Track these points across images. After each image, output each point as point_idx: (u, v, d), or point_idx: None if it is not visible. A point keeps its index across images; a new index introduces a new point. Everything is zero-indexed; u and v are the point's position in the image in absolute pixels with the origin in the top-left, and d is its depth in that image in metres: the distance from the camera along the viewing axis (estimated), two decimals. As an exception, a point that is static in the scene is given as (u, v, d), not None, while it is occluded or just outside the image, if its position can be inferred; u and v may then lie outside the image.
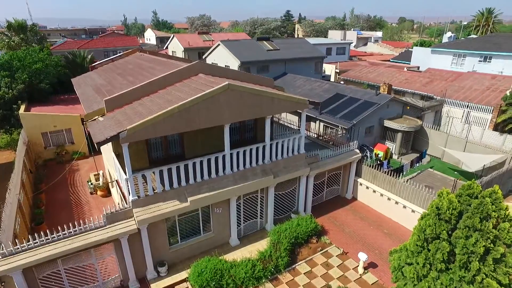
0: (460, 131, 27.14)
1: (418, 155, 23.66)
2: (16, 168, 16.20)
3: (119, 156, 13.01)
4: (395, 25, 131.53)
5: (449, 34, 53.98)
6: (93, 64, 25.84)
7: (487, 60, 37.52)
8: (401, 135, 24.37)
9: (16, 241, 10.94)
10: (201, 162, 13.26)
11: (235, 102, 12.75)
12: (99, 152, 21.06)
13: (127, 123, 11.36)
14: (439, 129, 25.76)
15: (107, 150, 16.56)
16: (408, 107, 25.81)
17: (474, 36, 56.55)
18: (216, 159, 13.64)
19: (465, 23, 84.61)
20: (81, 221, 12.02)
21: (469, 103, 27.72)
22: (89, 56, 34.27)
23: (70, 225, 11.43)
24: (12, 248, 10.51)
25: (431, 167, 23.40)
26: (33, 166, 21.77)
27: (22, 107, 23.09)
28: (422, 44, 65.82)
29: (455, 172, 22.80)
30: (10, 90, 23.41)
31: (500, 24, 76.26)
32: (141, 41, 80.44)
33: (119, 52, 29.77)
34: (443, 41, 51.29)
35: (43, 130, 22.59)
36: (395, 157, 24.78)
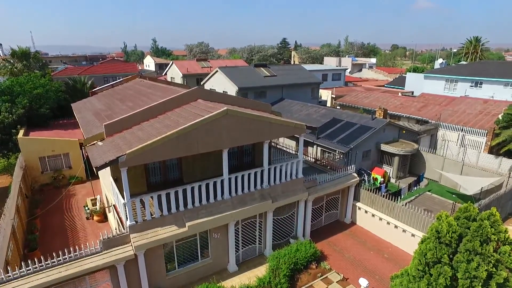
0: (456, 154, 27.40)
1: (415, 178, 23.73)
2: (12, 193, 16.05)
3: (117, 180, 12.98)
4: (388, 52, 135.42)
5: (440, 60, 55.67)
6: (93, 90, 26.23)
7: (478, 85, 38.60)
8: (398, 159, 24.54)
9: (8, 268, 10.68)
10: (200, 187, 13.24)
11: (233, 127, 12.92)
12: (97, 177, 20.95)
13: (126, 148, 11.44)
14: (435, 153, 26.00)
15: (105, 174, 16.51)
16: (404, 131, 26.16)
17: (464, 62, 58.35)
18: (215, 183, 13.63)
19: (455, 50, 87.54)
20: (76, 247, 11.80)
21: (464, 127, 28.20)
22: (89, 82, 34.80)
23: (65, 251, 11.21)
24: (3, 276, 10.25)
25: (429, 191, 23.41)
26: (29, 191, 21.56)
27: (21, 132, 23.17)
28: (415, 70, 67.62)
29: (453, 195, 22.80)
30: (10, 115, 23.59)
31: (488, 51, 79.06)
32: (140, 68, 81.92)
33: (119, 78, 30.29)
34: (435, 67, 52.78)
35: (41, 154, 22.57)
36: (392, 180, 24.83)
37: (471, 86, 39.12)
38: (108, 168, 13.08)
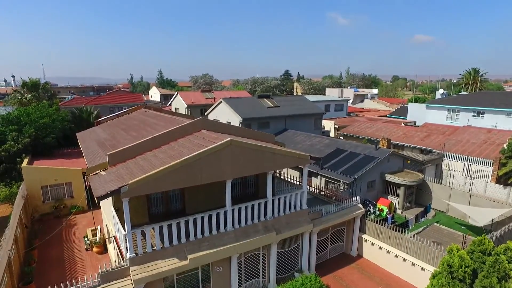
0: (462, 184, 26.98)
1: (422, 209, 23.24)
2: (11, 223, 15.81)
3: (118, 211, 12.78)
4: (389, 83, 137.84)
5: (441, 91, 56.35)
6: (98, 119, 26.60)
7: (480, 115, 38.79)
8: (403, 189, 24.16)
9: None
10: (202, 218, 12.98)
11: (237, 158, 12.87)
12: (98, 207, 20.72)
13: (128, 178, 11.36)
14: (441, 183, 25.61)
15: (106, 204, 16.32)
16: (409, 161, 25.96)
17: (465, 93, 59.05)
18: (218, 215, 13.38)
19: (455, 81, 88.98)
20: (73, 280, 11.41)
21: (469, 156, 27.99)
22: (95, 112, 35.39)
23: (61, 284, 10.82)
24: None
25: (437, 222, 22.81)
26: (29, 220, 21.28)
27: (25, 161, 23.27)
28: (416, 100, 68.37)
29: (463, 227, 22.17)
30: (16, 144, 23.82)
31: (487, 82, 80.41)
32: (146, 98, 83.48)
33: (124, 108, 30.81)
34: (436, 98, 53.34)
35: (43, 183, 22.50)
36: (398, 211, 24.30)
37: (473, 115, 39.31)
38: (109, 198, 12.94)
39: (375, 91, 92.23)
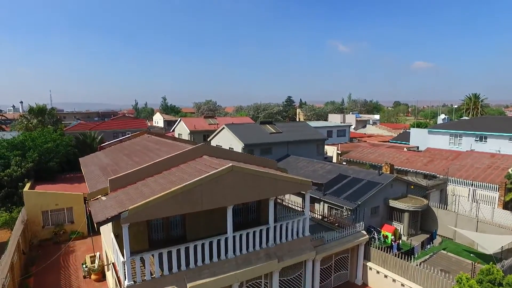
0: (468, 210, 26.51)
1: (428, 236, 22.70)
2: (8, 249, 15.57)
3: (118, 237, 12.60)
4: (391, 109, 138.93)
5: (442, 116, 56.66)
6: (102, 145, 26.81)
7: (483, 140, 38.72)
8: (408, 215, 23.75)
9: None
10: (203, 245, 12.74)
11: (238, 184, 12.81)
12: (98, 233, 20.45)
13: (129, 203, 11.29)
14: (446, 208, 25.18)
15: (106, 230, 16.11)
16: (412, 186, 25.69)
17: (466, 118, 59.33)
18: (218, 242, 13.14)
19: (456, 106, 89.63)
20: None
21: (473, 182, 27.65)
22: (99, 137, 35.75)
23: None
24: None
25: (444, 249, 22.21)
26: (27, 246, 20.96)
27: (27, 185, 23.26)
28: (418, 125, 68.61)
29: (471, 255, 21.53)
30: (19, 169, 23.92)
31: (488, 107, 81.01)
32: (149, 124, 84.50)
33: (128, 134, 31.13)
34: (437, 123, 53.53)
35: (44, 208, 22.36)
36: (404, 238, 23.75)
37: (475, 140, 39.25)
38: (109, 224, 12.80)
39: (377, 116, 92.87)
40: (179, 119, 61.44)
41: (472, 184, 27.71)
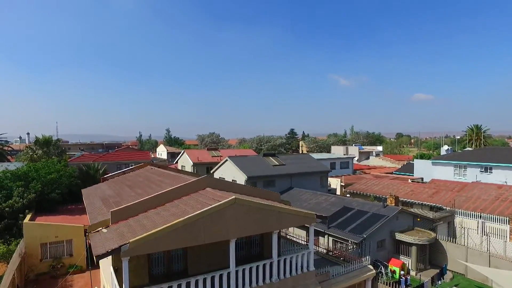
0: (479, 243, 25.73)
1: (438, 271, 21.92)
2: (3, 283, 15.13)
3: (117, 271, 12.27)
4: (393, 140, 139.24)
5: (446, 147, 56.65)
6: (104, 176, 26.83)
7: (488, 171, 38.37)
8: (416, 249, 23.07)
9: None
10: (204, 280, 12.35)
11: (241, 217, 12.64)
12: (98, 266, 19.94)
13: (130, 236, 11.11)
14: (455, 242, 24.49)
15: (106, 264, 15.73)
16: (419, 219, 25.18)
17: (470, 148, 59.20)
18: (221, 276, 12.74)
19: (458, 137, 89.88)
20: None
21: (482, 214, 27.05)
22: (103, 168, 35.84)
23: None
24: None
25: (455, 285, 21.33)
26: (23, 280, 20.36)
27: (28, 217, 23.03)
28: (422, 156, 68.47)
29: (484, 293, 20.64)
30: (21, 200, 23.82)
31: (491, 138, 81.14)
32: (153, 156, 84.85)
33: (131, 165, 31.22)
34: (441, 154, 53.43)
35: (43, 241, 21.96)
36: (412, 273, 22.91)
37: (481, 171, 38.90)
38: (109, 257, 12.52)
39: (379, 148, 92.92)
40: (183, 151, 61.77)
41: (480, 216, 27.10)
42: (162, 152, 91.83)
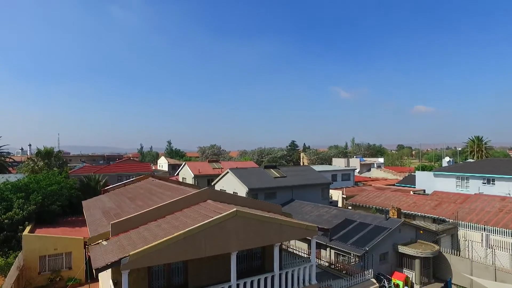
0: (483, 256, 25.35)
1: (442, 284, 21.56)
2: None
3: (117, 284, 12.11)
4: (394, 152, 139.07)
5: (447, 158, 56.49)
6: (105, 188, 26.74)
7: (491, 182, 38.15)
8: (419, 262, 22.75)
9: None
10: (204, 294, 12.18)
11: (242, 229, 12.55)
12: (96, 279, 19.68)
13: (130, 249, 11.02)
14: (459, 255, 24.15)
15: (105, 277, 15.53)
16: (422, 231, 24.91)
17: (472, 160, 59.01)
18: (221, 290, 12.56)
19: (460, 149, 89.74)
20: None
21: (486, 226, 26.71)
22: (103, 180, 35.75)
23: None
24: None
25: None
26: (20, 296, 20.03)
27: (27, 229, 22.82)
28: (423, 168, 68.23)
29: (489, 308, 20.24)
30: (21, 211, 23.68)
31: (492, 149, 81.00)
32: (154, 168, 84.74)
33: (132, 177, 31.14)
34: (442, 165, 53.24)
35: (42, 253, 21.70)
36: (416, 287, 22.54)
37: (483, 183, 38.67)
38: (109, 270, 12.38)
39: (381, 160, 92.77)
40: (184, 163, 61.69)
41: (484, 229, 26.76)
42: (163, 164, 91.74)
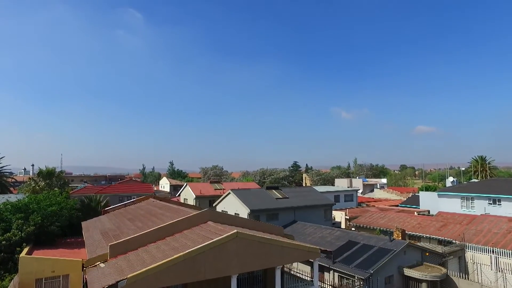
0: (494, 280, 24.53)
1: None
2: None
3: (113, 310, 11.76)
4: (397, 172, 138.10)
5: (451, 178, 55.94)
6: (106, 208, 26.51)
7: (497, 203, 37.51)
8: (426, 286, 22.04)
9: None
10: (204, 319, 11.79)
11: (243, 251, 12.31)
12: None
13: (128, 271, 10.77)
14: (468, 278, 23.42)
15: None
16: (428, 253, 24.31)
17: (476, 180, 58.36)
18: (221, 315, 12.17)
19: (463, 168, 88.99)
20: None
21: (494, 248, 25.99)
22: (104, 201, 35.48)
23: None
24: None
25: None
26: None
27: (25, 250, 22.43)
28: (427, 188, 67.43)
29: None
30: (20, 232, 23.37)
31: (496, 169, 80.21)
32: (155, 188, 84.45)
33: (134, 198, 30.95)
34: (446, 185, 52.67)
35: (39, 276, 21.16)
36: (424, 314, 21.73)
37: (489, 203, 38.02)
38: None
39: (384, 180, 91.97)
40: (185, 184, 61.39)
41: (493, 251, 26.02)
42: (165, 184, 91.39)
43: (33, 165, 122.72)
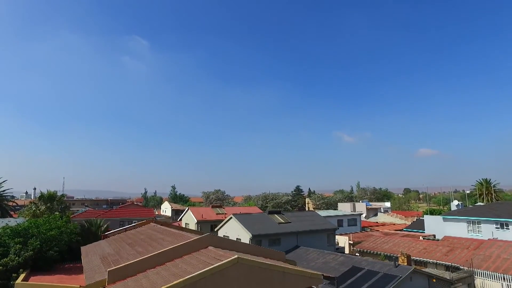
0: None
1: None
2: None
3: None
4: (401, 196, 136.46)
5: (456, 202, 55.13)
6: (106, 233, 26.19)
7: (505, 227, 36.75)
8: (434, 316, 21.27)
9: None
10: None
11: (244, 277, 12.06)
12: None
13: (127, 299, 10.53)
14: (478, 308, 22.58)
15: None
16: (434, 280, 23.62)
17: (481, 203, 57.49)
18: None
19: (468, 191, 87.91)
20: None
21: (506, 275, 25.19)
22: (105, 225, 35.09)
23: None
24: None
25: None
26: None
27: (21, 276, 21.95)
28: (431, 212, 66.42)
29: None
30: (17, 257, 22.97)
31: (502, 192, 79.13)
32: (157, 213, 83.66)
33: (134, 222, 30.61)
34: (451, 209, 51.84)
35: (35, 304, 20.68)
36: None
37: (496, 228, 37.25)
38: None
39: (387, 204, 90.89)
40: (187, 208, 60.89)
41: (504, 278, 25.21)
42: (166, 209, 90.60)
43: (35, 189, 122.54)
